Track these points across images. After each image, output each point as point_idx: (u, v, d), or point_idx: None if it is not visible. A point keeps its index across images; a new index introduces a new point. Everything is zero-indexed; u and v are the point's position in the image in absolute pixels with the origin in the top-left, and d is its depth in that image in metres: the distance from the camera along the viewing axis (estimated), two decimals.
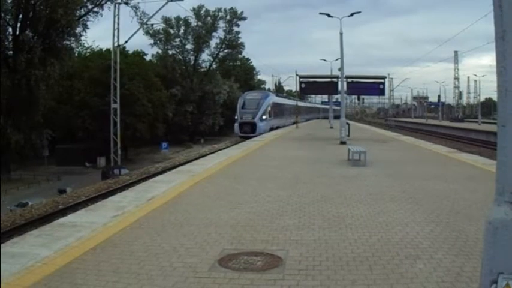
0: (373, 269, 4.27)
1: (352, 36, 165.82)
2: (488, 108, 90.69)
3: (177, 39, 61.65)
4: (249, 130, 35.64)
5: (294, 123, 46.89)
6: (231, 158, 14.71)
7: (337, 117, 39.00)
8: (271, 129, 38.16)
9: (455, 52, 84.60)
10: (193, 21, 60.57)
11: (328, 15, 23.85)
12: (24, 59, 30.26)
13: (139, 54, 54.84)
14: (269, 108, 39.49)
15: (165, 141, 36.99)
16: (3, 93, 28.86)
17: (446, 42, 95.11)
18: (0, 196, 21.10)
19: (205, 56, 64.08)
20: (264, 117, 37.72)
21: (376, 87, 25.10)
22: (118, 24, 30.52)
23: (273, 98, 43.62)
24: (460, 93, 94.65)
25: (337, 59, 29.90)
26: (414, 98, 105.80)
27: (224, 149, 19.45)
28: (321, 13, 23.97)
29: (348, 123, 23.15)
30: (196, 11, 60.50)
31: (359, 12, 24.07)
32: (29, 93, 31.21)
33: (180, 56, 62.47)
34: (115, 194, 11.34)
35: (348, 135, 21.96)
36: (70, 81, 40.77)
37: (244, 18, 63.85)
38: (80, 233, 5.50)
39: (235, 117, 38.45)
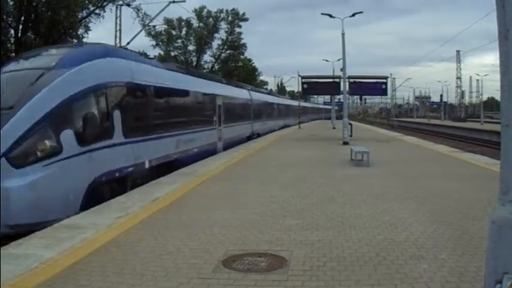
0: (378, 269, 4.28)
1: (354, 36, 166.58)
2: (490, 107, 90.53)
3: (179, 41, 61.76)
4: None
5: (248, 137, 24.79)
6: (234, 159, 14.71)
7: (339, 117, 38.52)
8: (109, 193, 8.79)
9: (458, 52, 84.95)
10: (195, 23, 60.63)
11: (330, 16, 23.84)
12: None
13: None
14: (93, 111, 8.74)
15: None
16: None
17: (449, 42, 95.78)
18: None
19: (207, 57, 64.15)
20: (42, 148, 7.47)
21: (378, 87, 25.04)
22: (120, 25, 30.69)
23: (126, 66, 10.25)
24: (462, 93, 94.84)
25: (339, 59, 29.95)
26: (416, 97, 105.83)
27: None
28: (322, 14, 23.96)
29: (350, 124, 23.11)
30: (198, 12, 60.55)
31: (361, 12, 24.05)
32: None
33: (182, 57, 62.49)
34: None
35: (351, 136, 21.94)
36: None
37: (246, 19, 63.78)
38: (84, 234, 5.52)
39: None
